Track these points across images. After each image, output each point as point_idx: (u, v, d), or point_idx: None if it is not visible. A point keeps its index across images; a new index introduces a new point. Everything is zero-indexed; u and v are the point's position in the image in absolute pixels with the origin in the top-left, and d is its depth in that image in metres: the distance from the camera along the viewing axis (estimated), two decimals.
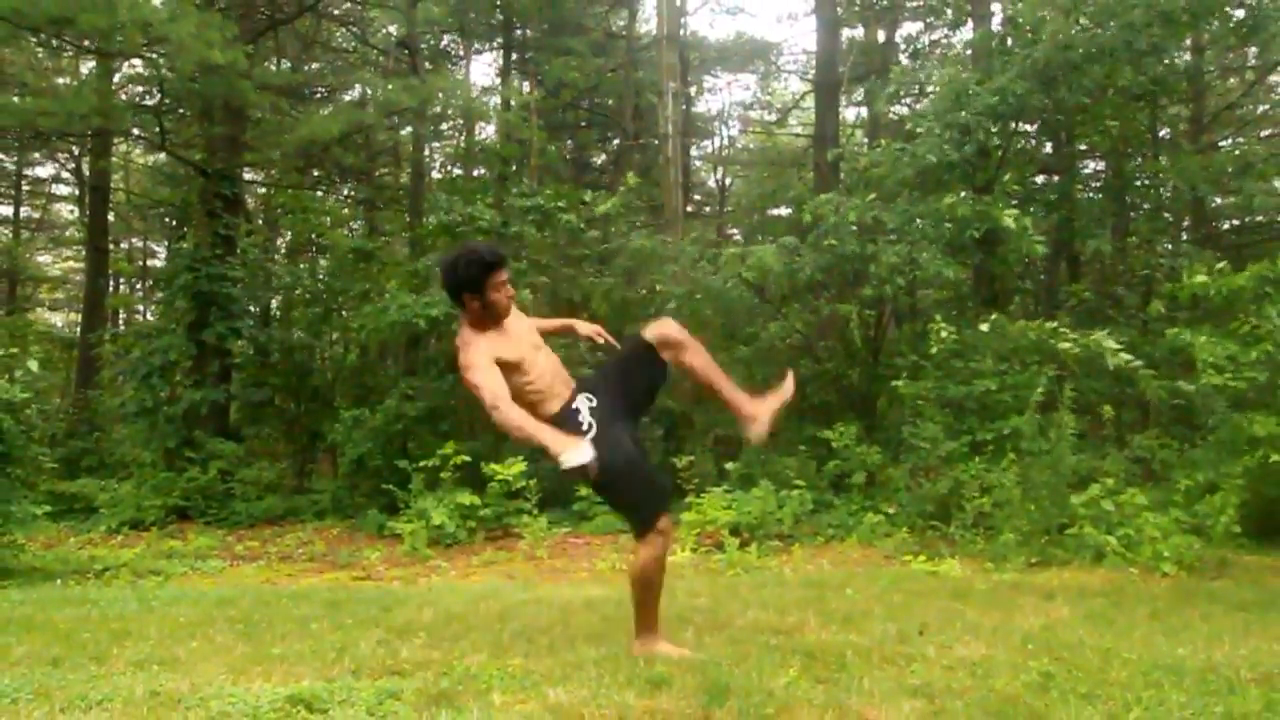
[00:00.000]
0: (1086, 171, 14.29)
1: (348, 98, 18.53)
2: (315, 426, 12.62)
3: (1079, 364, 8.08)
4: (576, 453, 3.08)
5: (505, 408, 3.25)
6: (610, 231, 12.20)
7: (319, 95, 18.94)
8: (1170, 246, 12.02)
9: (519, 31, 19.42)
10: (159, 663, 3.49)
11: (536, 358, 3.55)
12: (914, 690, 2.99)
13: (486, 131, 19.42)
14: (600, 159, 22.72)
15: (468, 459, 9.26)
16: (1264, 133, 16.13)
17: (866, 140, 15.98)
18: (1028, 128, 10.97)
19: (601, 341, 3.98)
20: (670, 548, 3.47)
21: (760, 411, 3.58)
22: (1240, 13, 10.09)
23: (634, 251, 10.73)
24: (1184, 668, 3.31)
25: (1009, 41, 10.38)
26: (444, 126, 20.24)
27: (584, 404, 3.48)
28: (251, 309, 13.33)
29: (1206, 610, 4.64)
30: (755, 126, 26.25)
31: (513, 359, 3.43)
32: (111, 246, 20.70)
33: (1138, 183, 12.15)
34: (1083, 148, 13.05)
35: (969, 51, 12.57)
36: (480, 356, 3.37)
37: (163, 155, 16.73)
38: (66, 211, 25.26)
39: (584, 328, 4.00)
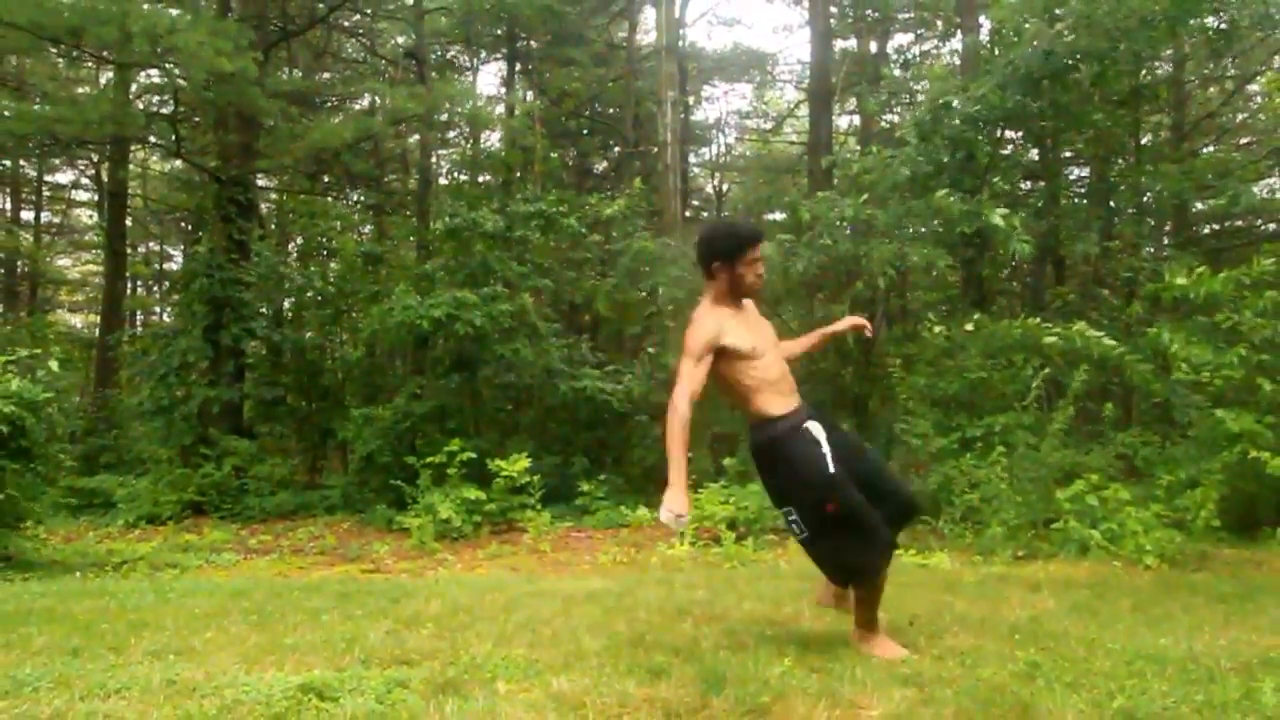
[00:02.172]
0: (1071, 178, 14.30)
1: (357, 106, 18.56)
2: (326, 424, 12.63)
3: (1063, 357, 8.08)
4: (679, 503, 2.95)
5: (683, 411, 3.09)
6: (612, 235, 12.20)
7: (330, 104, 18.95)
8: (1152, 250, 12.02)
9: (523, 42, 19.42)
10: (175, 652, 3.49)
11: (768, 351, 3.38)
12: (905, 679, 2.98)
13: (491, 139, 19.43)
14: (602, 166, 22.72)
15: (473, 455, 9.27)
16: (1242, 140, 16.13)
17: (859, 147, 15.99)
18: (1013, 135, 10.98)
19: (867, 333, 3.80)
20: (882, 586, 3.30)
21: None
22: (1213, 20, 10.08)
23: (636, 253, 10.73)
24: (1166, 657, 3.30)
25: (995, 51, 10.38)
26: (450, 134, 20.27)
27: (819, 433, 3.26)
28: (264, 311, 13.33)
29: (1187, 602, 4.64)
30: (751, 134, 26.27)
31: (743, 347, 3.28)
32: (129, 250, 20.73)
33: (1122, 188, 12.15)
34: (1068, 154, 13.05)
35: (958, 62, 12.57)
36: (701, 342, 3.22)
37: (178, 162, 16.73)
38: (86, 216, 25.28)
39: (841, 325, 3.77)
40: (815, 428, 3.28)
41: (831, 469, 3.17)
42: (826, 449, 3.21)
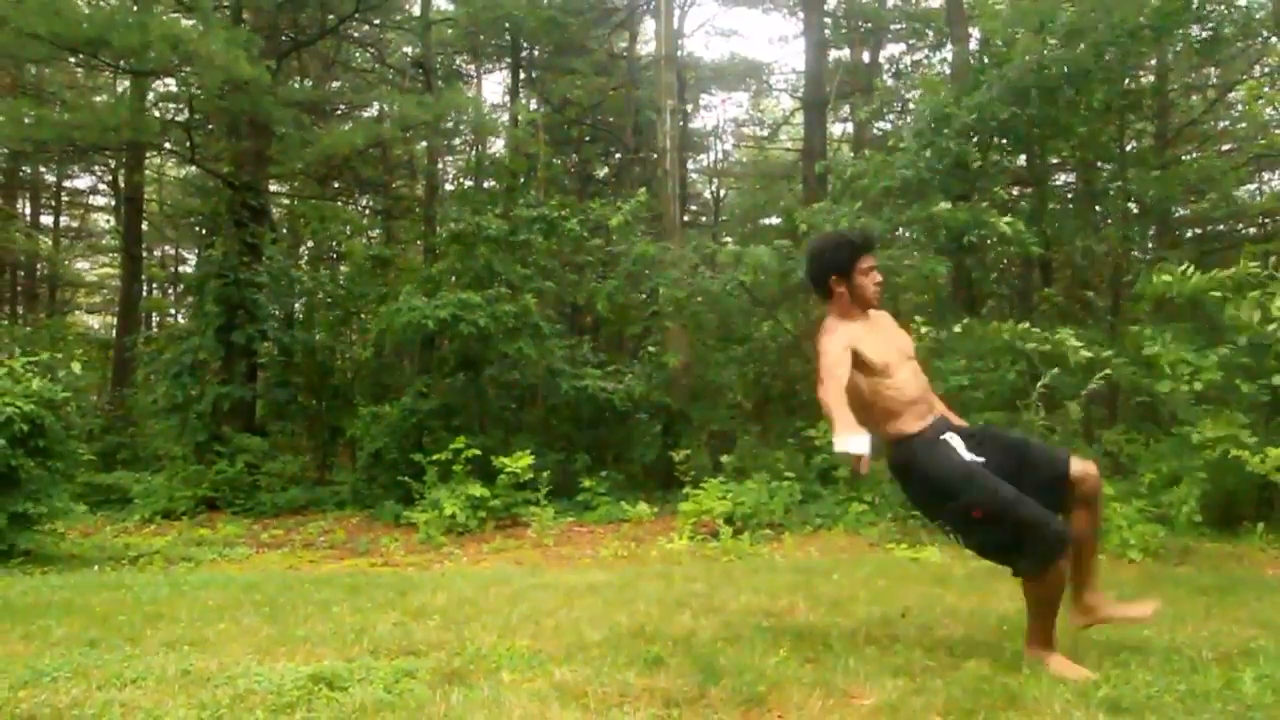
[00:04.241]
0: (1057, 184, 14.27)
1: (366, 114, 18.53)
2: (336, 422, 12.63)
3: (1048, 362, 8.07)
4: (854, 441, 2.76)
5: (830, 385, 2.90)
6: (613, 239, 12.19)
7: (339, 112, 18.94)
8: (1137, 254, 12.02)
9: (526, 52, 19.42)
10: (189, 643, 3.49)
11: (903, 364, 3.17)
12: (896, 670, 2.99)
13: (496, 146, 19.42)
14: (603, 172, 22.71)
15: (478, 453, 9.27)
16: (1224, 147, 16.11)
17: (852, 154, 15.99)
18: (1002, 141, 10.97)
19: None
20: (1059, 587, 2.95)
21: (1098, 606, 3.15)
22: (1197, 29, 10.09)
23: (637, 257, 10.74)
24: (1149, 648, 3.30)
25: (985, 61, 10.37)
26: (456, 141, 20.26)
27: (956, 442, 3.08)
28: (276, 312, 13.33)
29: (1170, 594, 4.63)
30: (748, 141, 26.27)
31: (876, 360, 3.08)
32: (145, 254, 20.71)
33: (1109, 193, 12.14)
34: (1054, 161, 13.03)
35: (949, 71, 12.57)
36: (836, 343, 3.04)
37: (193, 168, 16.73)
38: (103, 221, 25.27)
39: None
40: (953, 438, 3.11)
41: (969, 468, 2.99)
42: (965, 455, 3.04)
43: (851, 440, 2.77)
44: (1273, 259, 7.29)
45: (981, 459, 3.04)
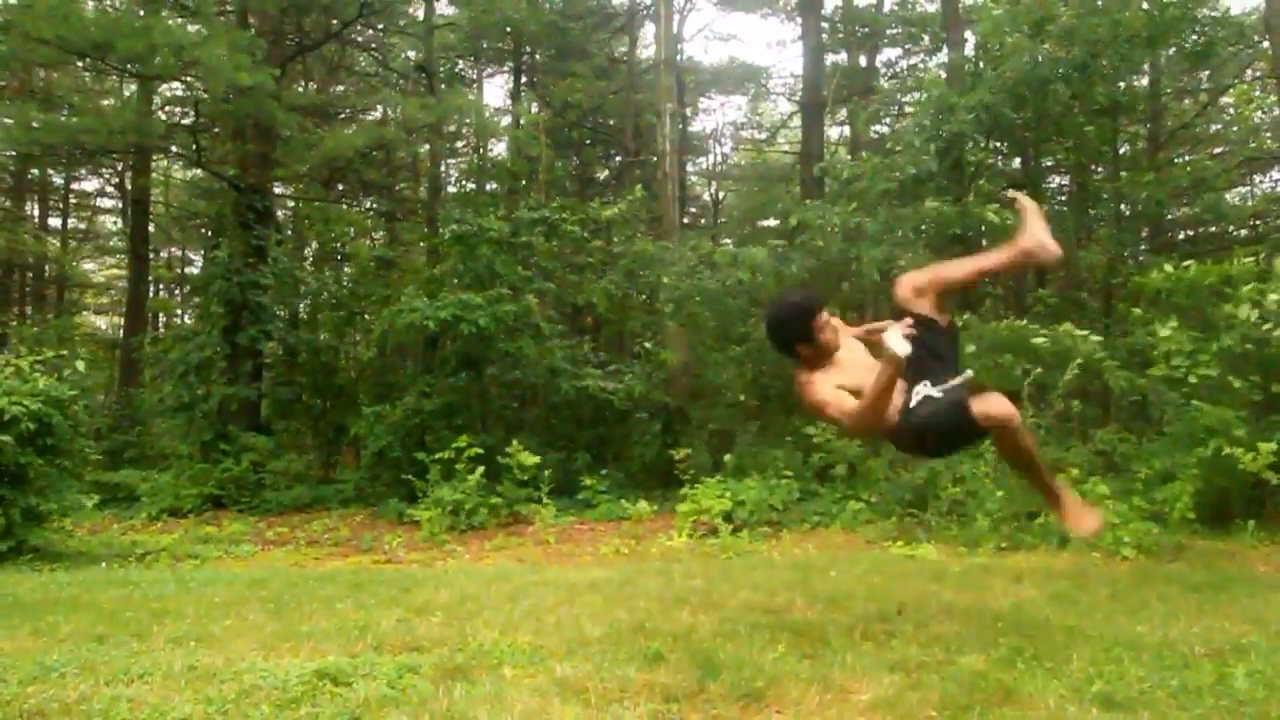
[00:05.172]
0: (1051, 186, 14.28)
1: (370, 117, 18.54)
2: (340, 421, 12.63)
3: (1053, 357, 8.06)
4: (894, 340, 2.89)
5: (852, 408, 3.07)
6: (614, 240, 12.21)
7: (343, 115, 18.94)
8: (1128, 255, 12.02)
9: (528, 56, 19.42)
10: (196, 639, 3.49)
11: (869, 378, 3.17)
12: (892, 665, 2.99)
13: (498, 148, 19.44)
14: (603, 174, 22.70)
15: (480, 451, 9.26)
16: (1216, 150, 16.12)
17: (849, 157, 15.99)
18: (997, 144, 10.97)
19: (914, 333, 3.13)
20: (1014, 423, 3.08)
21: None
22: (1190, 34, 10.10)
23: (636, 255, 10.73)
24: (1142, 644, 3.30)
25: (981, 65, 10.37)
26: (459, 144, 20.26)
27: (925, 389, 3.10)
28: (281, 313, 13.32)
29: (1163, 591, 4.64)
30: (746, 144, 26.27)
31: (852, 387, 3.16)
32: (152, 255, 20.73)
33: (1104, 196, 12.13)
34: (1048, 164, 13.02)
35: (944, 75, 12.56)
36: (826, 392, 3.17)
37: (199, 171, 16.70)
38: (110, 223, 25.26)
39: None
40: (922, 388, 3.15)
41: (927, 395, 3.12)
42: (929, 390, 3.12)
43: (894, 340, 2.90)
44: (1263, 254, 7.30)
45: (934, 382, 3.13)
